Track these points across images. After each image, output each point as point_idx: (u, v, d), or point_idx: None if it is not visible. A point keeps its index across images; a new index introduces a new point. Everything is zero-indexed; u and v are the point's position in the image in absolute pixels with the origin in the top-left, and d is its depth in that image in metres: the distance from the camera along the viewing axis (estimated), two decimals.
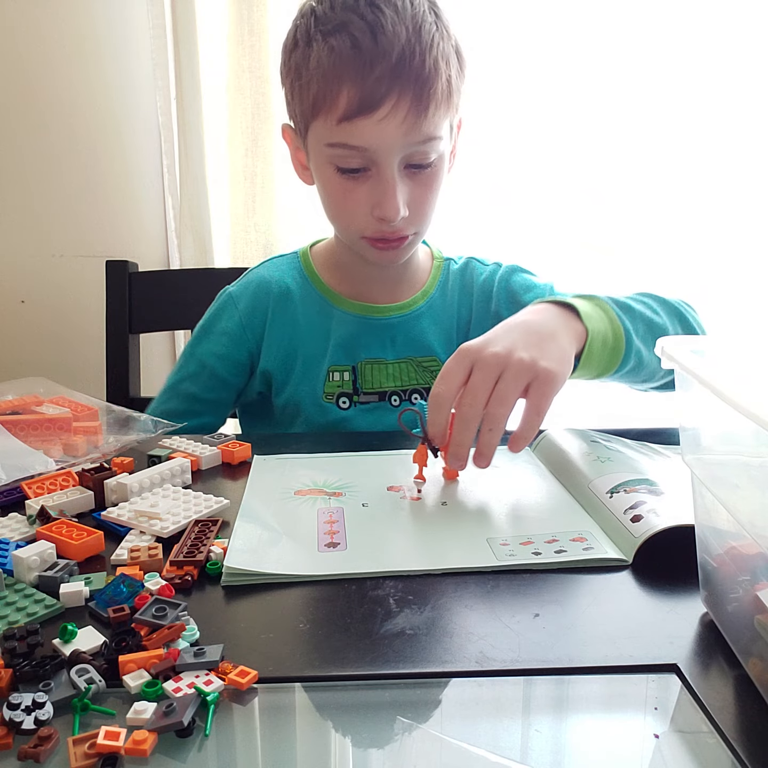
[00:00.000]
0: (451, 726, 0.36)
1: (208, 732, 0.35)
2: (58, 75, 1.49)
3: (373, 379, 0.93)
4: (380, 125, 0.75)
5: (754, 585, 0.38)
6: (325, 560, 0.51)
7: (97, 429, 0.74)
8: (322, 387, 0.93)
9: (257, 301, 0.96)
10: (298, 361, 0.94)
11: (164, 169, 1.55)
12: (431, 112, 0.76)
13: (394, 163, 0.78)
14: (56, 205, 1.55)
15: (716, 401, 0.36)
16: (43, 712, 0.35)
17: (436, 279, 0.98)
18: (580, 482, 0.63)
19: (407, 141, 0.77)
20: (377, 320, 0.94)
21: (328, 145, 0.79)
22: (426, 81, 0.75)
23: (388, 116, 0.74)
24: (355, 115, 0.75)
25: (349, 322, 0.94)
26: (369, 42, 0.73)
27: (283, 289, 0.96)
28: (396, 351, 0.95)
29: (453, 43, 0.79)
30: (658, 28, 1.39)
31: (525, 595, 0.47)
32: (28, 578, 0.48)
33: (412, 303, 0.95)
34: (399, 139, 0.76)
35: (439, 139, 0.79)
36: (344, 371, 0.93)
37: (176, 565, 0.50)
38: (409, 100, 0.74)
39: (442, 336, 0.96)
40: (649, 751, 0.34)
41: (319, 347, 0.94)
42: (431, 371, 0.95)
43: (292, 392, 0.95)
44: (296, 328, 0.95)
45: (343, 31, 0.74)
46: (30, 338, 1.61)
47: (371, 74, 0.73)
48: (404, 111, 0.75)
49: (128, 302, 1.20)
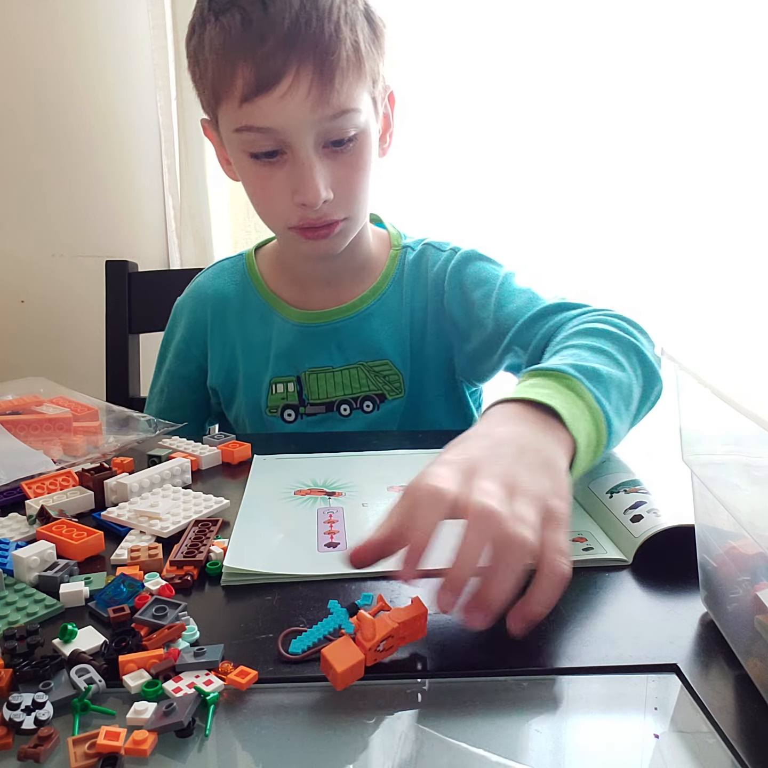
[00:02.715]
0: (451, 726, 0.36)
1: (208, 732, 0.35)
2: (59, 75, 1.49)
3: (320, 389, 0.87)
4: (283, 102, 0.68)
5: (754, 585, 0.38)
6: (325, 560, 0.51)
7: (97, 429, 0.74)
8: (266, 400, 0.88)
9: (196, 314, 0.92)
10: (240, 374, 0.90)
11: (164, 169, 1.55)
12: (338, 81, 0.69)
13: (307, 143, 0.71)
14: (56, 205, 1.55)
15: (716, 401, 0.36)
16: (43, 712, 0.35)
17: (391, 272, 0.89)
18: (580, 482, 0.63)
19: (317, 116, 0.70)
20: (319, 327, 0.87)
21: (235, 131, 0.72)
22: (327, 48, 0.68)
23: (290, 91, 0.68)
24: (255, 94, 0.68)
25: (289, 331, 0.88)
26: (259, 14, 0.67)
27: (221, 299, 0.91)
28: (344, 357, 0.87)
29: (361, 8, 0.72)
30: (654, 33, 1.39)
31: None
32: (28, 578, 0.48)
33: (360, 303, 0.88)
34: (307, 115, 0.69)
35: (355, 111, 0.72)
36: (288, 382, 0.87)
37: (176, 565, 0.50)
38: (310, 71, 0.68)
39: (394, 336, 0.88)
40: (649, 751, 0.34)
41: (260, 358, 0.89)
42: (383, 376, 0.88)
43: (237, 407, 0.91)
44: (236, 340, 0.90)
45: (234, 6, 0.68)
46: (30, 338, 1.61)
47: (263, 48, 0.67)
48: (307, 83, 0.68)
49: (128, 302, 1.20)
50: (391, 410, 0.88)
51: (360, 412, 0.87)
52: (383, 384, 0.88)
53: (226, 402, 0.93)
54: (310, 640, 0.41)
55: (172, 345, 0.95)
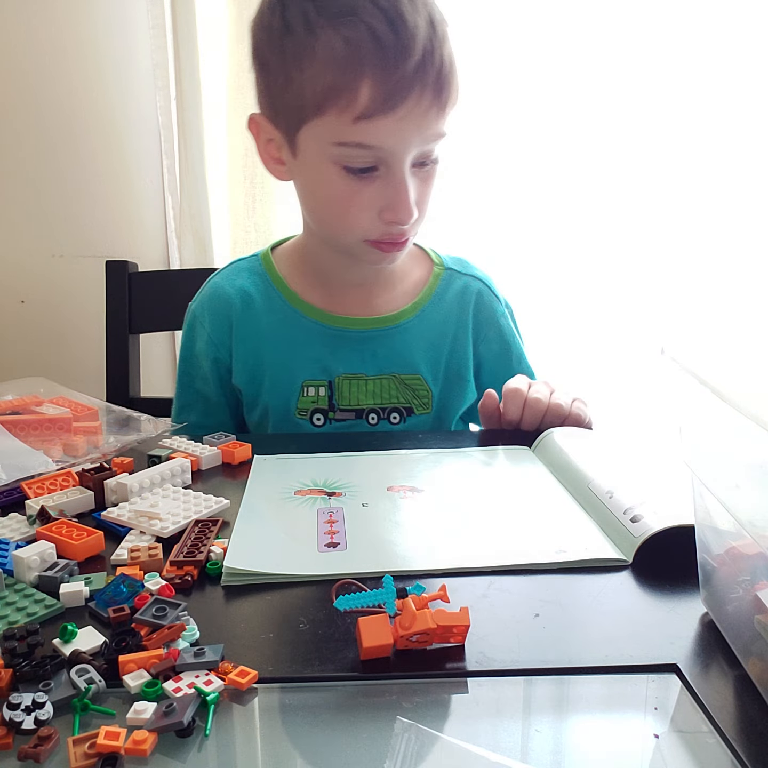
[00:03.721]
0: (451, 726, 0.36)
1: (208, 732, 0.35)
2: (58, 75, 1.49)
3: (351, 396, 0.87)
4: (400, 124, 0.70)
5: (754, 585, 0.38)
6: (325, 560, 0.51)
7: (97, 429, 0.74)
8: (296, 402, 0.87)
9: (219, 314, 0.90)
10: (266, 374, 0.89)
11: (164, 169, 1.55)
12: (449, 108, 0.72)
13: (407, 163, 0.73)
14: (56, 205, 1.55)
15: (716, 401, 0.36)
16: (43, 712, 0.35)
17: (433, 290, 0.91)
18: (580, 482, 0.63)
19: (423, 139, 0.72)
20: (355, 333, 0.87)
21: (337, 143, 0.72)
22: (447, 77, 0.70)
23: (409, 114, 0.69)
24: (375, 113, 0.69)
25: (322, 335, 0.87)
26: (389, 34, 0.66)
27: (245, 298, 0.89)
28: (378, 366, 0.88)
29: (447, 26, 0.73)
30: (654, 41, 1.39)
31: (525, 595, 0.47)
32: (28, 578, 0.48)
33: (400, 316, 0.89)
34: (416, 139, 0.72)
35: (444, 136, 0.75)
36: (320, 386, 0.87)
37: (176, 565, 0.50)
38: (430, 97, 0.70)
39: (429, 353, 0.90)
40: (649, 751, 0.34)
41: (287, 360, 0.88)
42: (414, 389, 0.88)
43: (263, 409, 0.90)
44: (261, 339, 0.88)
45: (355, 18, 0.67)
46: (30, 338, 1.61)
47: (396, 71, 0.67)
48: (425, 109, 0.70)
49: (128, 302, 1.20)
50: (416, 424, 0.89)
51: (386, 422, 0.88)
52: (412, 398, 0.89)
53: (249, 403, 0.91)
54: (356, 603, 0.42)
55: (195, 352, 0.93)
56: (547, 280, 1.51)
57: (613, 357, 1.54)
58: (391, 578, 0.44)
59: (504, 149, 1.46)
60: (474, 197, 1.48)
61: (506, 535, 0.55)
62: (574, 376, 1.39)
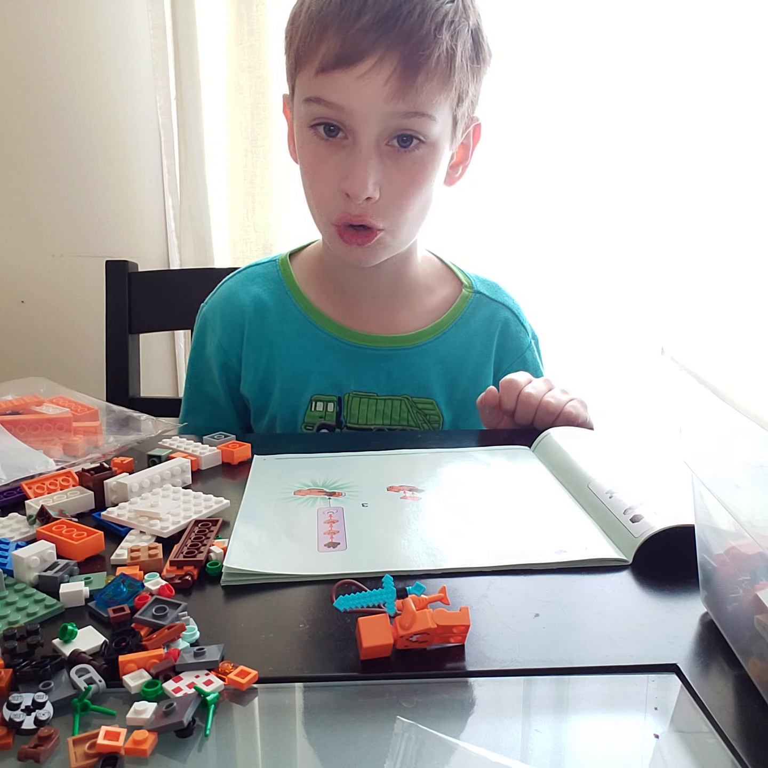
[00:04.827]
0: (451, 726, 0.36)
1: (208, 732, 0.35)
2: (58, 75, 1.49)
3: (360, 414, 0.85)
4: (359, 82, 0.67)
5: (754, 585, 0.38)
6: (325, 560, 0.51)
7: (97, 429, 0.74)
8: (303, 416, 0.85)
9: (231, 321, 0.88)
10: (276, 385, 0.87)
11: (164, 169, 1.55)
12: (420, 80, 0.67)
13: (371, 133, 0.69)
14: (56, 205, 1.55)
15: (716, 401, 0.36)
16: (43, 712, 0.35)
17: (458, 313, 0.88)
18: (580, 482, 0.63)
19: (389, 109, 0.68)
20: (370, 350, 0.85)
21: (305, 100, 0.71)
22: (420, 43, 0.66)
23: (369, 73, 0.66)
24: (333, 66, 0.67)
25: (336, 349, 0.85)
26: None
27: (259, 306, 0.87)
28: (391, 386, 0.85)
29: (471, 25, 0.71)
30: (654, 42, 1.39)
31: (525, 595, 0.47)
32: (28, 578, 0.48)
33: (418, 337, 0.86)
34: (379, 104, 0.68)
35: (429, 118, 0.70)
36: (329, 402, 0.85)
37: (176, 565, 0.50)
38: (395, 59, 0.66)
39: (445, 378, 0.87)
40: (649, 751, 0.34)
41: (299, 371, 0.86)
42: (425, 414, 0.86)
43: (270, 419, 0.88)
44: (274, 350, 0.86)
45: None
46: (30, 338, 1.61)
47: (356, 23, 0.65)
48: (388, 71, 0.66)
49: (128, 302, 1.20)
50: None
51: None
52: (423, 422, 0.87)
53: (257, 412, 0.90)
54: (356, 603, 0.43)
55: (206, 356, 0.91)
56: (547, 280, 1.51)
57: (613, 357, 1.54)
58: (391, 578, 0.44)
59: (507, 153, 1.46)
60: (477, 200, 1.48)
61: (506, 535, 0.55)
62: (575, 375, 1.39)
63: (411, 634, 0.40)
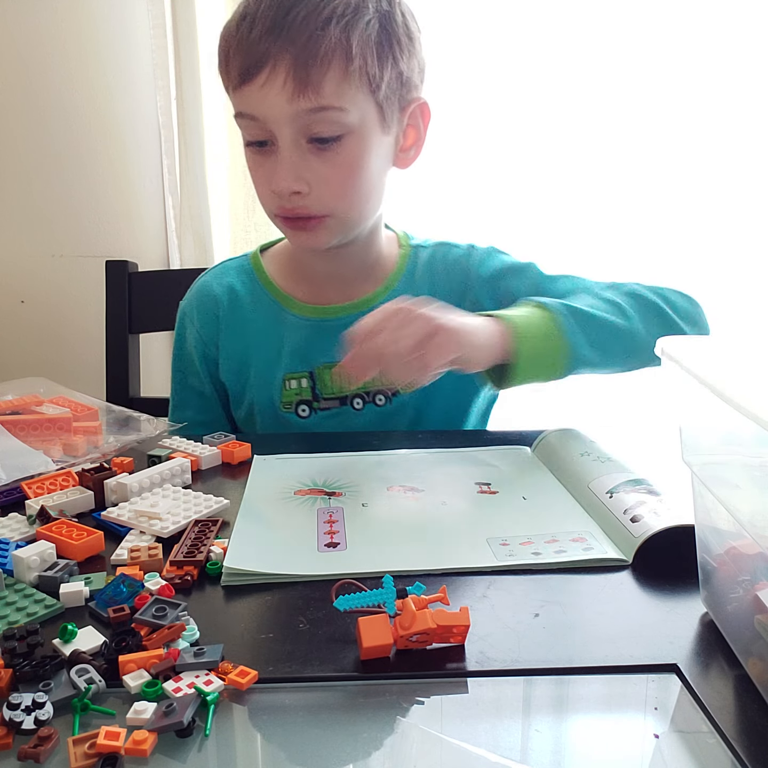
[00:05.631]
0: (451, 726, 0.36)
1: (208, 732, 0.35)
2: (58, 75, 1.49)
3: (333, 384, 0.88)
4: (262, 91, 0.71)
5: (754, 585, 0.38)
6: (325, 560, 0.51)
7: (97, 429, 0.74)
8: (279, 396, 0.88)
9: (207, 312, 0.92)
10: (251, 371, 0.90)
11: (164, 169, 1.55)
12: (315, 76, 0.70)
13: (286, 134, 0.73)
14: (56, 205, 1.55)
15: (716, 401, 0.36)
16: (43, 712, 0.35)
17: (402, 270, 0.90)
18: (580, 482, 0.63)
19: (293, 109, 0.71)
20: (332, 321, 0.87)
21: (234, 116, 0.77)
22: (307, 41, 0.69)
23: (268, 80, 0.70)
24: (241, 82, 0.72)
25: (302, 327, 0.89)
26: (254, 4, 0.71)
27: (232, 296, 0.91)
28: None
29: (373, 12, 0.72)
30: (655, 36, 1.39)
31: (525, 595, 0.47)
32: (28, 578, 0.48)
33: (372, 299, 0.87)
34: (284, 107, 0.71)
35: (339, 110, 0.72)
36: (301, 378, 0.88)
37: (176, 565, 0.50)
38: (288, 62, 0.70)
39: None
40: (649, 751, 0.34)
41: (271, 355, 0.89)
42: None
43: (248, 404, 0.91)
44: (247, 337, 0.90)
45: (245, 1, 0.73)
46: (30, 338, 1.61)
47: (249, 37, 0.71)
48: (284, 74, 0.70)
49: (128, 302, 1.20)
50: (402, 403, 0.88)
51: (372, 405, 0.88)
52: None
53: (236, 399, 0.93)
54: (356, 603, 0.43)
55: (186, 349, 0.95)
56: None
57: None
58: (391, 578, 0.44)
59: (505, 148, 1.46)
60: (474, 195, 1.48)
61: (506, 535, 0.55)
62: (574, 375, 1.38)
63: (411, 634, 0.40)
